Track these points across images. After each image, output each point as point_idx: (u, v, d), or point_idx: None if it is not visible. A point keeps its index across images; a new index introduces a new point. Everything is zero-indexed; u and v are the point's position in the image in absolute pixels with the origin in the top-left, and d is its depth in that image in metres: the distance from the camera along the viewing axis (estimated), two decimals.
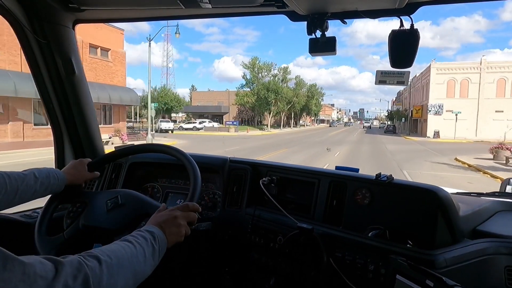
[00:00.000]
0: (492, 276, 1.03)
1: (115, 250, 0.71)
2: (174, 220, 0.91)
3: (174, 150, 1.24)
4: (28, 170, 1.06)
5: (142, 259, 0.76)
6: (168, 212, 0.93)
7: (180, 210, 0.95)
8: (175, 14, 1.51)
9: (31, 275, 0.53)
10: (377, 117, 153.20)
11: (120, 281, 0.68)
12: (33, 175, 1.03)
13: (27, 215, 1.51)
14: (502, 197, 1.64)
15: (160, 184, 1.69)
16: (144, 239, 0.80)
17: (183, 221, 0.93)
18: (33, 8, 1.36)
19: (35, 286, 0.53)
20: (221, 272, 1.43)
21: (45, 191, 1.07)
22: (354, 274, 1.07)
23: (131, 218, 1.11)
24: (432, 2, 1.16)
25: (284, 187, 1.44)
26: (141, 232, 0.83)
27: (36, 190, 1.04)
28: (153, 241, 0.81)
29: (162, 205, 1.00)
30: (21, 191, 0.99)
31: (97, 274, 0.63)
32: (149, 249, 0.79)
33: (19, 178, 0.99)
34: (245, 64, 48.86)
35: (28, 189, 1.01)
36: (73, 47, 1.54)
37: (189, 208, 0.98)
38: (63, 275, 0.57)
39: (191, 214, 0.97)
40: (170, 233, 0.88)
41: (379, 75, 1.39)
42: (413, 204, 1.11)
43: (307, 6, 1.18)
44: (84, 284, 0.60)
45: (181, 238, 0.91)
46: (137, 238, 0.79)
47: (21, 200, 1.01)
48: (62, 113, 1.62)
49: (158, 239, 0.83)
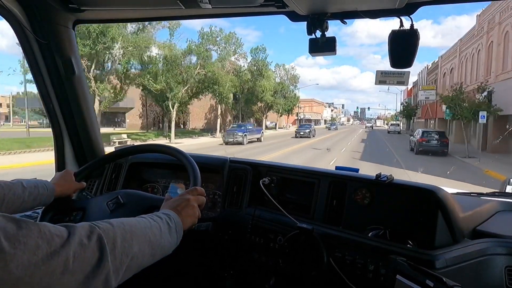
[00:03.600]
0: (492, 276, 1.03)
1: (128, 220, 0.73)
2: (188, 202, 0.94)
3: (174, 150, 1.24)
4: (16, 180, 1.04)
5: (158, 232, 0.77)
6: (180, 197, 0.96)
7: (190, 194, 0.97)
8: (175, 14, 1.51)
9: (47, 232, 0.54)
10: (379, 116, 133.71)
11: (135, 246, 0.69)
12: (21, 184, 1.02)
13: (27, 215, 1.51)
14: (502, 197, 1.64)
15: (160, 184, 1.69)
16: (159, 218, 0.81)
17: (195, 203, 0.96)
18: (33, 8, 1.36)
19: (53, 243, 0.54)
20: (221, 272, 1.43)
21: (33, 201, 1.05)
22: (354, 274, 1.07)
23: (138, 214, 1.11)
24: (432, 2, 1.17)
25: (284, 187, 1.44)
26: (156, 213, 0.84)
27: (25, 200, 1.02)
28: (169, 221, 0.83)
29: (167, 195, 1.01)
30: (8, 200, 0.97)
31: (111, 236, 0.64)
32: (165, 226, 0.80)
33: (5, 186, 0.98)
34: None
35: (16, 199, 0.99)
36: (73, 47, 1.54)
37: (197, 191, 1.00)
38: (77, 235, 0.59)
39: (200, 197, 1.00)
40: (186, 215, 0.91)
41: (379, 75, 1.39)
42: (413, 204, 1.11)
43: (307, 6, 1.18)
44: (98, 242, 0.61)
45: (195, 219, 0.94)
46: (151, 216, 0.81)
47: (8, 210, 0.98)
48: (62, 113, 1.61)
49: (174, 220, 0.85)
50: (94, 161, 1.35)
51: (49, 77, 1.52)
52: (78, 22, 1.54)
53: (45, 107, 1.60)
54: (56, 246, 0.54)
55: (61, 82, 1.54)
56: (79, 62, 1.57)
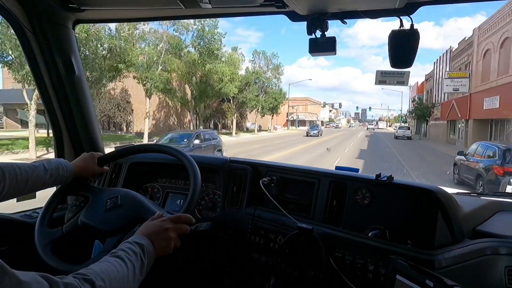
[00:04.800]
0: (492, 276, 1.03)
1: (108, 272, 0.72)
2: (165, 232, 0.91)
3: (174, 150, 1.25)
4: (38, 161, 1.09)
5: (132, 278, 0.77)
6: (160, 223, 0.93)
7: (173, 222, 0.94)
8: (175, 14, 1.51)
9: None
10: (382, 117, 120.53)
11: None
12: (43, 167, 1.07)
13: (27, 215, 1.51)
14: (502, 197, 1.64)
15: (160, 184, 1.69)
16: (134, 254, 0.80)
17: (174, 234, 0.93)
18: (33, 8, 1.36)
19: None
20: (221, 272, 1.43)
21: (53, 182, 1.11)
22: (354, 274, 1.07)
23: (125, 221, 1.12)
24: (432, 2, 1.17)
25: (284, 187, 1.44)
26: (132, 245, 0.83)
27: (46, 181, 1.07)
28: (143, 256, 0.82)
29: (157, 214, 1.00)
30: (32, 182, 1.03)
31: None
32: (138, 264, 0.80)
33: (29, 169, 1.03)
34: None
35: (38, 180, 1.05)
36: (73, 47, 1.54)
37: (182, 220, 0.97)
38: None
39: (183, 226, 0.96)
40: (159, 246, 0.88)
41: (379, 75, 1.39)
42: (413, 204, 1.11)
43: (307, 6, 1.18)
44: None
45: (169, 250, 0.91)
46: (128, 253, 0.80)
47: (31, 190, 1.06)
48: (62, 113, 1.62)
49: (147, 252, 0.83)
50: (119, 150, 1.35)
51: (49, 77, 1.52)
52: (78, 22, 1.54)
53: (45, 107, 1.61)
54: None
55: (61, 82, 1.54)
56: (79, 62, 1.57)
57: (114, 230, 1.10)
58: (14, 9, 1.32)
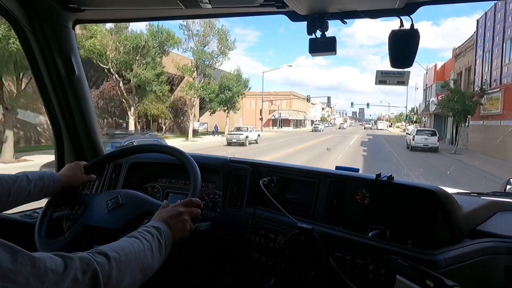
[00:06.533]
0: (492, 276, 1.03)
1: (123, 246, 0.73)
2: (179, 215, 0.93)
3: (174, 150, 1.25)
4: (20, 172, 1.06)
5: (149, 254, 0.77)
6: (173, 208, 0.95)
7: (184, 206, 0.96)
8: (175, 14, 1.51)
9: (42, 268, 0.54)
10: (381, 117, 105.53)
11: (127, 277, 0.69)
12: (25, 177, 1.03)
13: (27, 215, 1.51)
14: (502, 197, 1.64)
15: (160, 184, 1.69)
16: (150, 234, 0.81)
17: (188, 216, 0.95)
18: (33, 8, 1.36)
19: (46, 279, 0.54)
20: (221, 272, 1.43)
21: (40, 193, 1.07)
22: (354, 274, 1.07)
23: (133, 217, 1.12)
24: (432, 2, 1.16)
25: (284, 187, 1.44)
26: (147, 228, 0.84)
27: (31, 192, 1.03)
28: (159, 237, 0.83)
29: (165, 202, 1.01)
30: (14, 193, 0.98)
31: (106, 270, 0.64)
32: (156, 244, 0.80)
33: (10, 180, 0.99)
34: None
35: (21, 191, 1.01)
36: (73, 47, 1.54)
37: (193, 203, 0.99)
38: (72, 270, 0.58)
39: (194, 209, 0.99)
40: (176, 228, 0.90)
41: (379, 75, 1.39)
42: (413, 204, 1.11)
43: (307, 6, 1.18)
44: (93, 279, 0.61)
45: (186, 233, 0.93)
46: (144, 234, 0.80)
47: (15, 203, 1.01)
48: (62, 113, 1.61)
49: (164, 234, 0.84)
50: (104, 156, 1.35)
51: (49, 77, 1.52)
52: (78, 22, 1.54)
53: (45, 107, 1.60)
54: (48, 283, 0.53)
55: (61, 82, 1.54)
56: (79, 62, 1.57)
57: (124, 227, 1.09)
58: (14, 9, 1.32)
